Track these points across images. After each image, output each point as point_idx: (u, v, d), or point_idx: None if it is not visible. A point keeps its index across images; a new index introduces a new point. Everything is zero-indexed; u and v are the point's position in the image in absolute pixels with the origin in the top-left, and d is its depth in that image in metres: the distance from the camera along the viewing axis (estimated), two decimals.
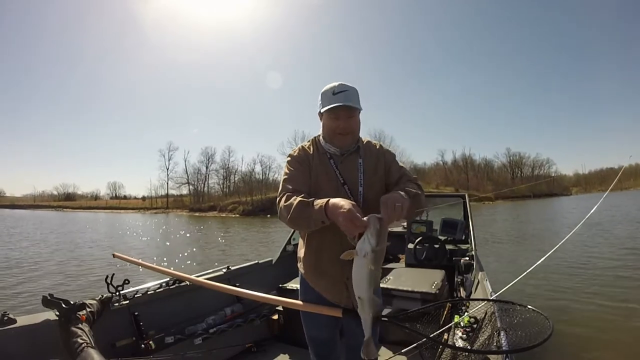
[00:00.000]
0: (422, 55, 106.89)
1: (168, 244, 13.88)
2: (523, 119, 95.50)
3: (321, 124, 1.54)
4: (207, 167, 60.28)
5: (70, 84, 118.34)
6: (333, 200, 1.23)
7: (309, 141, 1.59)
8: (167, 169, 61.52)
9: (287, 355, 2.74)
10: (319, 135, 1.58)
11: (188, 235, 18.63)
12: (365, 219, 1.16)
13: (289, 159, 1.53)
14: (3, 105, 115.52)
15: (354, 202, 1.22)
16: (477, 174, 64.11)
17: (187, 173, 60.92)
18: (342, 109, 1.43)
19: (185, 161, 61.78)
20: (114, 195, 77.55)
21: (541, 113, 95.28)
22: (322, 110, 1.46)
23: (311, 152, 1.53)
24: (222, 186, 59.79)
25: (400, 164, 1.59)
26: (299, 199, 1.32)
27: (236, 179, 59.49)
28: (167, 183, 61.58)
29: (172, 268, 2.84)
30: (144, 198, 67.61)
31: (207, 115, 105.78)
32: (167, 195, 61.71)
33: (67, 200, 79.52)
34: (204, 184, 60.03)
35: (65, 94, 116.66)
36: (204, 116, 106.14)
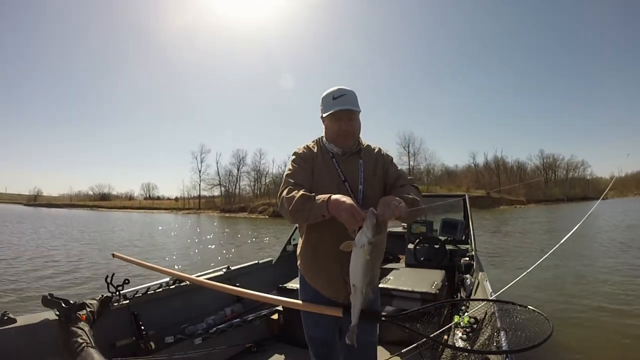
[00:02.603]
0: (452, 55, 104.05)
1: (196, 250, 13.92)
2: (558, 119, 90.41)
3: (324, 127, 1.61)
4: (238, 169, 61.21)
5: (106, 88, 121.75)
6: (335, 196, 1.30)
7: (313, 141, 1.65)
8: (200, 171, 62.44)
9: (287, 355, 2.74)
10: (322, 137, 1.64)
11: (218, 235, 19.08)
12: (364, 212, 1.24)
13: (293, 156, 1.59)
14: (42, 109, 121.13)
15: (353, 199, 1.30)
16: (510, 177, 60.65)
17: (218, 175, 62.03)
18: (343, 112, 1.51)
19: (217, 163, 62.46)
20: (147, 195, 78.36)
21: (576, 112, 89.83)
22: (324, 115, 1.55)
23: (315, 151, 1.59)
24: (253, 188, 60.73)
25: (398, 167, 1.65)
26: (301, 192, 1.37)
27: (267, 180, 60.18)
28: (199, 184, 62.52)
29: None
30: (176, 199, 68.55)
31: (239, 117, 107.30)
32: (199, 196, 62.71)
33: (102, 200, 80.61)
34: (235, 186, 61.09)
35: (101, 98, 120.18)
36: (237, 118, 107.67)
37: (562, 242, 2.09)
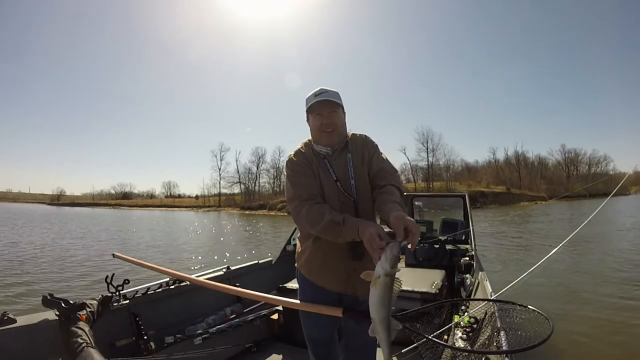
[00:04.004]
0: (470, 50, 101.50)
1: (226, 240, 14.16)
2: (579, 113, 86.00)
3: (309, 128, 1.60)
4: (257, 167, 61.56)
5: (126, 89, 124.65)
6: (363, 224, 1.28)
7: (302, 144, 1.62)
8: (219, 169, 63.32)
9: (286, 355, 2.74)
10: (309, 140, 1.62)
11: (239, 232, 19.57)
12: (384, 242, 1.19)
13: (291, 165, 1.56)
14: (63, 110, 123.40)
15: (380, 227, 1.26)
16: (531, 172, 59.21)
17: (238, 173, 62.71)
18: (323, 106, 1.52)
19: (236, 161, 63.24)
20: (168, 194, 79.28)
21: (598, 104, 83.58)
22: (306, 109, 1.55)
23: (309, 155, 1.58)
24: (272, 185, 60.84)
25: (383, 157, 1.61)
26: (328, 216, 1.35)
27: None
28: (220, 182, 63.38)
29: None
30: (197, 197, 69.28)
31: (258, 115, 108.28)
32: (219, 194, 63.39)
33: (124, 199, 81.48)
34: (255, 183, 61.57)
35: (123, 99, 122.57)
36: (255, 116, 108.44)
37: (555, 250, 2.09)
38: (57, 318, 1.82)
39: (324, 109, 1.52)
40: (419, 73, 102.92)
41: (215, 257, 10.19)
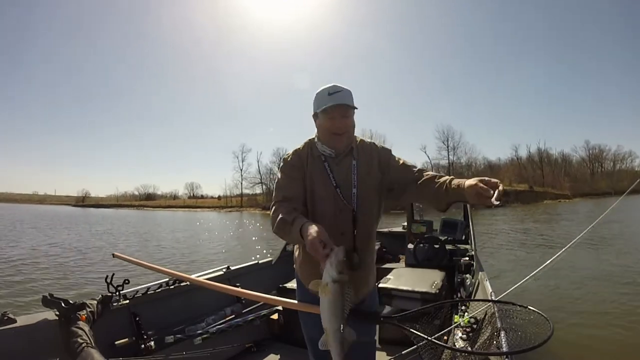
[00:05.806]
0: (490, 45, 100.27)
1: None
2: (604, 106, 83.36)
3: (316, 125, 1.52)
4: (279, 167, 62.10)
5: (150, 92, 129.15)
6: (306, 226, 1.22)
7: (304, 143, 1.57)
8: (241, 170, 64.99)
9: (286, 355, 2.74)
10: (314, 138, 1.55)
11: (261, 232, 19.68)
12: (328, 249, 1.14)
13: (282, 165, 1.53)
14: (88, 113, 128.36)
15: (322, 229, 1.20)
16: (554, 170, 58.35)
17: (260, 173, 64.26)
18: (337, 109, 1.42)
19: (258, 162, 64.92)
20: (191, 195, 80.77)
21: (622, 100, 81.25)
22: (319, 111, 1.45)
23: (305, 156, 1.52)
24: None
25: (397, 158, 1.55)
26: (281, 215, 1.33)
27: None
28: (241, 183, 65.07)
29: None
30: (219, 197, 70.73)
31: (279, 114, 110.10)
32: (241, 195, 64.92)
33: (147, 200, 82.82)
34: None
35: (146, 101, 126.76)
36: (276, 116, 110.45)
37: (560, 253, 2.08)
38: (57, 318, 1.82)
39: (338, 112, 1.42)
40: (438, 71, 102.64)
41: (249, 257, 10.18)
